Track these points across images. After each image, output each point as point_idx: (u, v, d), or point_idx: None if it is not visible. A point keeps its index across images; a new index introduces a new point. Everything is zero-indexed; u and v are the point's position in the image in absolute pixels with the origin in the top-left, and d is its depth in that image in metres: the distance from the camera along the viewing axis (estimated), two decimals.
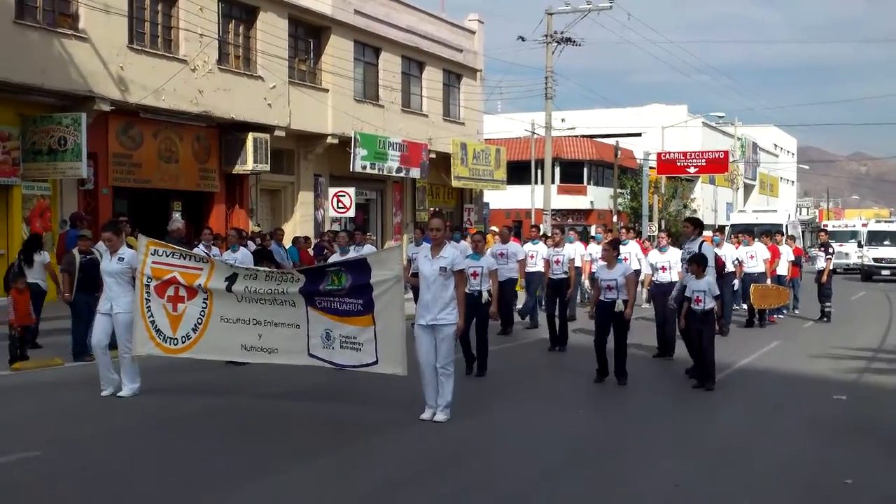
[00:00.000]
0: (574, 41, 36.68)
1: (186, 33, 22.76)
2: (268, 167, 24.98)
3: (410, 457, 8.33)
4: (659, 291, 14.88)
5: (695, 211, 58.38)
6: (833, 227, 48.43)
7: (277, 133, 25.52)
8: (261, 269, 11.22)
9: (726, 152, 46.75)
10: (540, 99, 37.42)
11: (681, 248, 16.51)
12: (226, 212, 25.12)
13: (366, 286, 9.52)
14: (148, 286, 10.57)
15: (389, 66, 31.04)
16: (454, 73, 35.21)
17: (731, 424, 9.96)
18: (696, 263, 12.13)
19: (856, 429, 9.71)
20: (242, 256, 14.09)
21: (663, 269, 14.84)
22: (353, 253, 13.62)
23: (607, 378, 12.11)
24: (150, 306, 10.58)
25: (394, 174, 30.51)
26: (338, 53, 28.09)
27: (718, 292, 12.10)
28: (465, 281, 10.36)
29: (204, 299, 10.42)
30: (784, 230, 29.58)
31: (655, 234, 21.34)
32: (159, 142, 22.97)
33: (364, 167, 28.37)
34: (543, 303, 17.37)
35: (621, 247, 18.41)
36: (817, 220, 67.86)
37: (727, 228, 34.98)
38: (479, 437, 9.10)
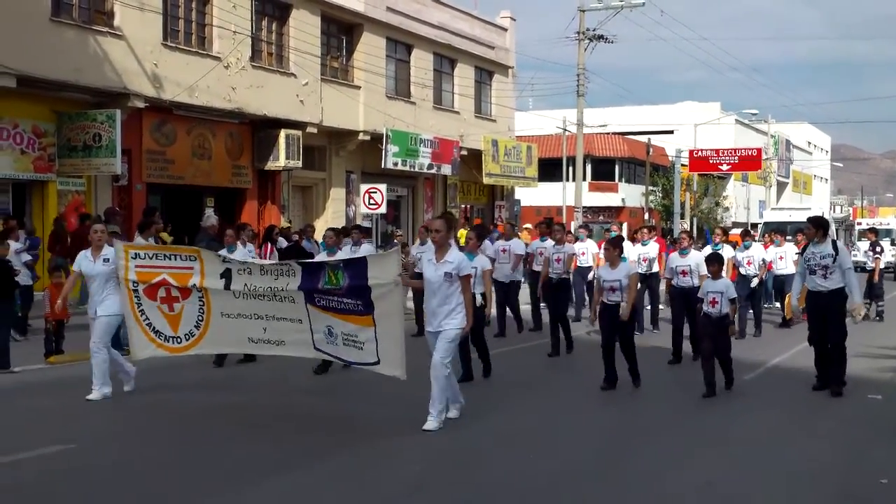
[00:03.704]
0: (606, 38, 36.56)
1: (220, 30, 22.89)
2: (300, 163, 25.08)
3: (423, 459, 8.13)
4: (679, 295, 13.96)
5: (727, 209, 57.94)
6: (867, 225, 47.97)
7: (310, 130, 25.61)
8: (254, 261, 10.68)
9: (759, 150, 46.43)
10: (571, 96, 37.56)
11: (701, 251, 16.14)
12: (258, 208, 25.25)
13: (363, 287, 9.01)
14: (136, 290, 10.10)
15: (421, 63, 31.07)
16: (486, 70, 35.18)
17: (763, 424, 9.88)
18: (715, 263, 11.56)
19: (891, 428, 9.62)
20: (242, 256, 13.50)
21: (684, 273, 13.87)
22: (346, 253, 12.94)
23: (619, 382, 11.46)
24: (142, 310, 10.15)
25: (425, 171, 30.54)
26: (370, 50, 28.15)
27: (735, 295, 11.53)
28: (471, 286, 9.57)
29: (200, 297, 9.93)
30: None
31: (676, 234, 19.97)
32: (192, 138, 23.12)
33: (395, 164, 28.41)
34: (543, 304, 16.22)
35: (642, 247, 17.67)
36: (851, 218, 67.17)
37: (760, 226, 34.75)
38: (502, 439, 9.01)
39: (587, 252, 19.28)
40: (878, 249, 21.35)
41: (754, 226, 44.27)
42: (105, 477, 7.42)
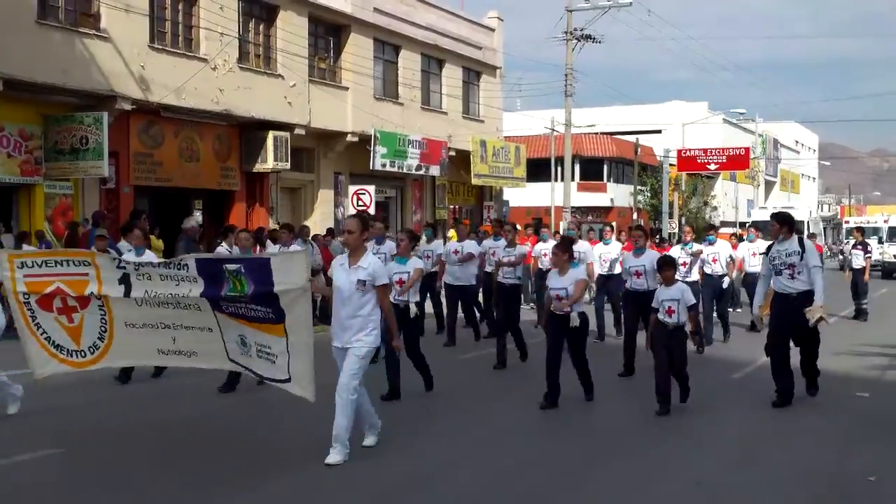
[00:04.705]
0: (594, 38, 36.62)
1: (207, 32, 22.84)
2: (288, 165, 25.05)
3: (375, 481, 7.55)
4: (631, 301, 12.84)
5: (715, 208, 58.06)
6: (854, 223, 48.21)
7: (297, 131, 25.58)
8: (151, 261, 9.46)
9: (747, 149, 46.61)
10: (559, 96, 37.52)
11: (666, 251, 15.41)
12: (246, 210, 25.20)
13: (270, 295, 7.90)
14: (28, 303, 8.99)
15: (409, 64, 31.07)
16: (474, 71, 35.19)
17: (752, 422, 9.90)
18: (669, 268, 10.56)
19: (879, 426, 9.65)
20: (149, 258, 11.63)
21: (637, 274, 12.59)
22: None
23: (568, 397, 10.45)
24: (38, 323, 9.03)
25: (413, 172, 30.53)
26: (357, 51, 28.13)
27: (694, 301, 10.56)
28: (389, 293, 8.79)
29: (100, 306, 8.85)
30: (805, 227, 29.38)
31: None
32: (180, 140, 23.06)
33: (384, 165, 28.40)
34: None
35: (603, 246, 16.92)
36: (839, 217, 67.39)
37: (748, 225, 34.82)
38: (480, 448, 8.94)
39: (549, 253, 18.38)
40: (868, 249, 21.53)
41: (743, 224, 44.41)
42: (68, 491, 7.40)
